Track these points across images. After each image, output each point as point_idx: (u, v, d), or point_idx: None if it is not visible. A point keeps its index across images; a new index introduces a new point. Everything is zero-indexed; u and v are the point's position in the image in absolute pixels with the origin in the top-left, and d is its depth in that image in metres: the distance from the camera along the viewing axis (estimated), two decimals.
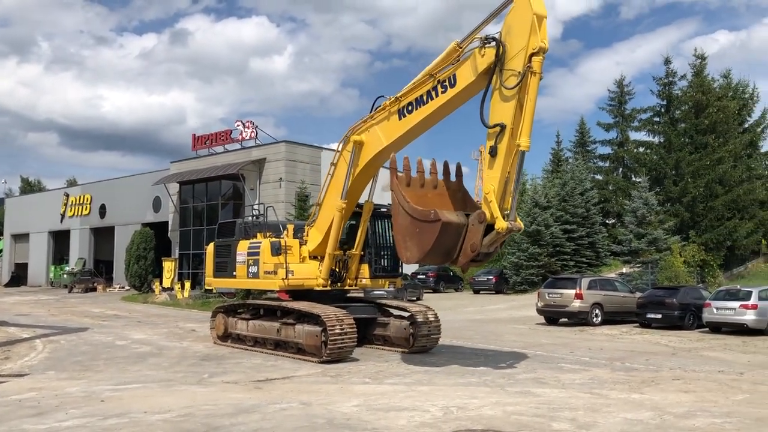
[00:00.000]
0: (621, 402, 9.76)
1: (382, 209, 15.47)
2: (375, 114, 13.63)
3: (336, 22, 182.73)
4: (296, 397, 9.82)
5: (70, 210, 56.42)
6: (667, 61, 43.47)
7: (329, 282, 14.75)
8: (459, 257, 11.66)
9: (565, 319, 23.51)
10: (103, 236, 54.55)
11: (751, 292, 20.59)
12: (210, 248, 17.63)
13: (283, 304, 14.65)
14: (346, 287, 15.36)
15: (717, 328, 21.00)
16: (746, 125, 41.75)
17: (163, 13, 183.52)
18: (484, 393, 10.34)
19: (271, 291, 15.84)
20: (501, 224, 10.96)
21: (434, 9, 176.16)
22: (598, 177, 47.15)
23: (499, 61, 11.34)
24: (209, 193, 43.32)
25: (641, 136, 45.61)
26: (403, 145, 13.44)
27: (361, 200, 14.97)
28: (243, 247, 15.77)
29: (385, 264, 15.74)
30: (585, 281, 23.48)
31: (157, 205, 48.33)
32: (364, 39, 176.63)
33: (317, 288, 14.67)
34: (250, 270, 15.37)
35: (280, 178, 39.06)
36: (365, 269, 15.43)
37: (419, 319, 14.68)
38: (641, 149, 44.27)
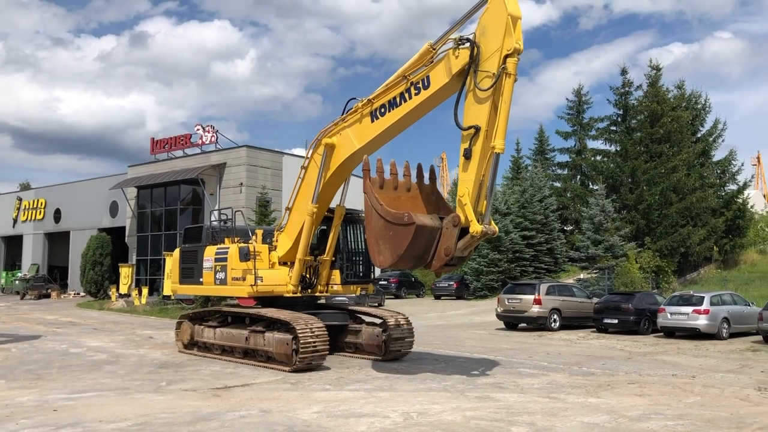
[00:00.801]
0: (578, 406, 9.91)
1: (354, 214, 15.26)
2: (347, 116, 13.42)
3: (299, 27, 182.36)
4: (256, 405, 9.73)
5: (23, 214, 54.95)
6: (623, 72, 44.42)
7: (299, 288, 14.47)
8: (433, 261, 11.53)
9: (524, 325, 23.80)
10: (57, 241, 53.28)
11: (704, 297, 21.15)
12: (176, 254, 17.16)
13: (252, 311, 14.33)
14: (317, 294, 15.07)
15: (671, 332, 21.50)
16: (699, 135, 42.83)
17: (123, 15, 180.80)
18: (444, 398, 10.40)
19: (231, 298, 15.63)
20: (476, 228, 10.85)
21: (398, 16, 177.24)
22: (557, 184, 47.85)
23: (474, 62, 11.23)
24: (168, 198, 42.67)
25: (598, 144, 46.49)
26: (375, 148, 13.27)
27: (332, 205, 14.76)
28: (210, 252, 15.35)
29: (357, 270, 15.44)
30: (543, 287, 23.80)
31: (114, 209, 47.42)
32: (328, 45, 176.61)
33: (287, 294, 14.36)
34: (217, 276, 14.98)
35: (241, 183, 38.69)
36: (336, 275, 15.12)
37: (392, 326, 14.47)
38: (598, 157, 45.08)
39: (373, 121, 12.88)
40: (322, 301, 15.57)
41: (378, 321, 14.99)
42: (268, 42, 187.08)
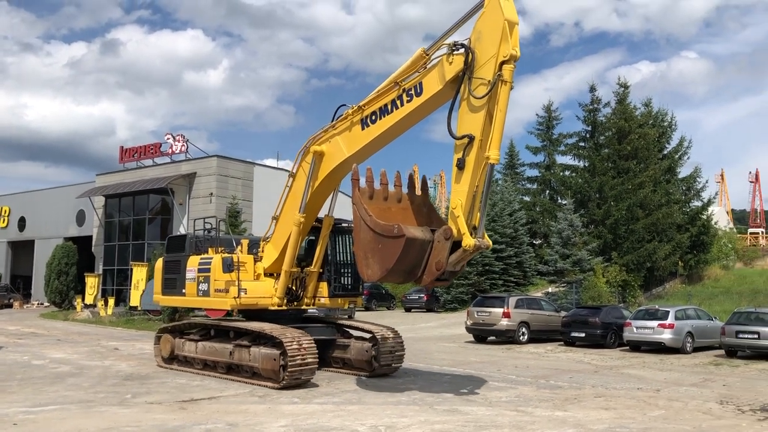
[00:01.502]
0: (545, 419, 9.99)
1: (343, 224, 14.77)
2: (337, 123, 12.92)
3: (273, 38, 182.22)
4: (222, 418, 9.63)
5: None
6: (592, 89, 45.15)
7: (285, 301, 13.98)
8: (423, 275, 11.03)
9: (494, 338, 23.92)
10: (21, 250, 52.19)
11: (669, 311, 21.48)
12: (158, 264, 16.63)
13: (238, 324, 13.80)
14: (303, 307, 14.55)
15: (637, 346, 21.78)
16: (665, 152, 43.63)
17: (94, 22, 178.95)
18: (413, 411, 10.41)
19: (199, 309, 15.38)
20: (468, 241, 10.36)
21: (372, 30, 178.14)
22: (527, 198, 48.34)
23: (468, 69, 10.81)
24: (136, 208, 42.16)
25: (567, 160, 47.08)
26: (366, 157, 12.81)
27: (321, 214, 14.28)
28: (193, 263, 14.83)
29: (345, 282, 14.84)
30: (512, 300, 23.97)
31: (81, 218, 46.67)
32: (302, 56, 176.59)
33: (272, 308, 13.86)
34: (200, 287, 14.43)
35: (211, 193, 38.41)
36: (324, 288, 14.55)
37: (381, 341, 13.97)
38: (567, 173, 45.64)
39: (363, 128, 12.41)
40: (315, 312, 15.20)
41: (367, 336, 14.53)
42: (242, 52, 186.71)
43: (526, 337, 23.50)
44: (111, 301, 35.04)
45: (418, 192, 12.83)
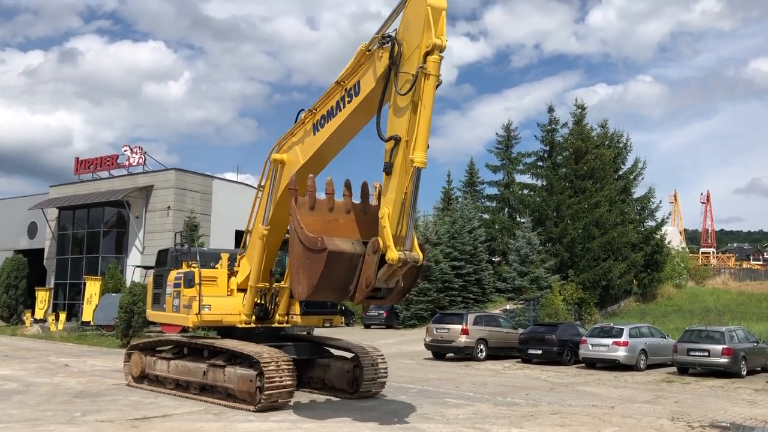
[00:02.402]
0: None
1: None
2: (295, 129, 12.31)
3: (236, 51, 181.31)
4: None
5: None
6: (550, 109, 45.97)
7: (253, 318, 13.24)
8: (356, 293, 10.09)
9: (452, 354, 23.99)
10: None
11: (623, 329, 21.88)
12: (150, 278, 16.11)
13: (212, 342, 13.12)
14: (274, 325, 13.69)
15: (592, 363, 22.09)
16: (620, 172, 44.64)
17: (52, 30, 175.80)
18: (370, 429, 10.34)
19: (155, 324, 14.93)
20: (392, 254, 9.36)
21: (335, 44, 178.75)
22: (486, 216, 48.81)
23: (394, 63, 9.90)
24: (91, 220, 41.31)
25: (526, 178, 47.75)
26: (323, 163, 12.20)
27: None
28: (171, 277, 14.29)
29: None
30: (471, 317, 24.11)
31: (32, 231, 45.49)
32: (264, 70, 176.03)
33: (239, 325, 13.14)
34: (174, 302, 13.86)
35: (168, 207, 37.85)
36: (296, 305, 13.79)
37: (364, 361, 13.22)
38: (525, 191, 46.27)
39: (314, 133, 11.75)
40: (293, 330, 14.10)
41: (349, 355, 13.81)
42: (204, 65, 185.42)
43: (484, 354, 23.62)
44: (62, 316, 34.14)
45: (373, 202, 11.59)
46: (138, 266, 35.61)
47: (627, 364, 21.22)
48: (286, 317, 13.75)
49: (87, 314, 33.01)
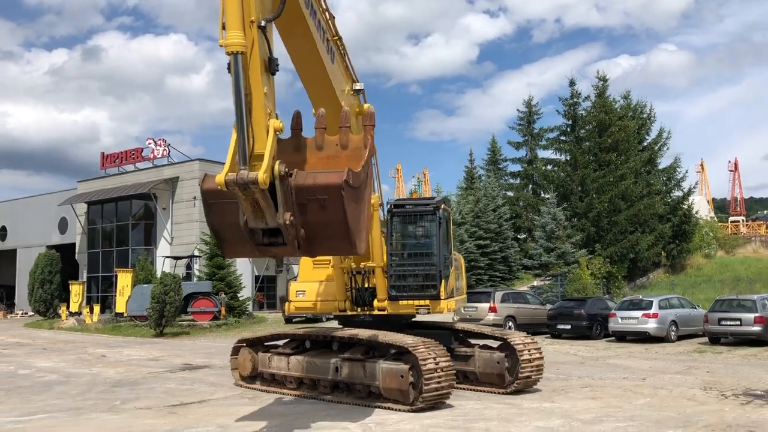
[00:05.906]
0: (533, 411, 10.11)
1: (407, 206, 12.37)
2: None
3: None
4: (213, 421, 9.65)
5: None
6: (572, 83, 45.37)
7: (349, 304, 12.10)
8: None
9: None
10: (3, 260, 51.66)
11: (653, 301, 21.75)
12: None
13: (345, 333, 11.35)
14: (375, 312, 12.08)
15: (622, 336, 22.03)
16: (645, 144, 44.02)
17: (75, 29, 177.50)
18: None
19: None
20: (218, 178, 7.14)
21: (355, 31, 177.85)
22: (510, 194, 48.59)
23: None
24: (119, 214, 41.93)
25: (549, 154, 47.32)
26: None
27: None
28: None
29: (412, 279, 11.96)
30: (498, 295, 24.15)
31: (63, 226, 46.32)
32: (286, 56, 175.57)
33: (335, 312, 12.26)
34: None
35: (194, 198, 38.22)
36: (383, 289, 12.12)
37: (519, 350, 11.51)
38: (549, 167, 45.89)
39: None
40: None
41: (496, 343, 12.31)
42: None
43: (513, 330, 23.63)
44: (96, 308, 34.82)
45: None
46: (168, 257, 36.13)
47: (657, 336, 21.13)
48: (385, 301, 12.02)
49: (120, 306, 33.64)
